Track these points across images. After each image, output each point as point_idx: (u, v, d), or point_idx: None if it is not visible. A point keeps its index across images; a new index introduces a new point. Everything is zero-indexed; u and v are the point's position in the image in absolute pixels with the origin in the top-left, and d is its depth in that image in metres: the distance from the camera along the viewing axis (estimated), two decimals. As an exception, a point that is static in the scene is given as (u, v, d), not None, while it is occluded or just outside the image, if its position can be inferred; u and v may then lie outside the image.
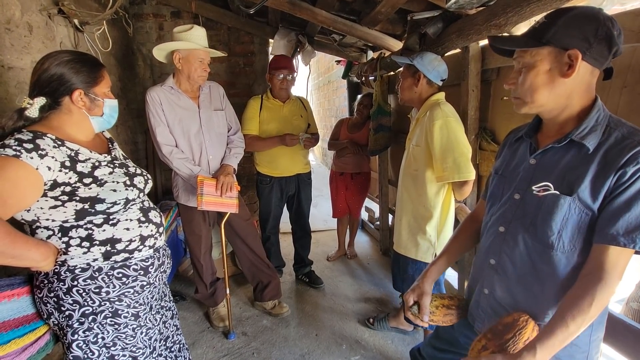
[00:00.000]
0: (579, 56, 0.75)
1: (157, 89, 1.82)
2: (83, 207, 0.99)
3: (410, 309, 1.06)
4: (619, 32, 0.76)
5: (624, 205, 0.73)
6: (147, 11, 2.91)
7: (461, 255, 1.20)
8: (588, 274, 0.77)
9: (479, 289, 1.00)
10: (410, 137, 1.78)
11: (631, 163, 0.72)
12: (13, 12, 1.51)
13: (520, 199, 0.89)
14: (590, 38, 0.74)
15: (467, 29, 1.66)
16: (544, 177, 0.84)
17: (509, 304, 0.92)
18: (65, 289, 1.02)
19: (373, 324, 2.19)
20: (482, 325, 1.00)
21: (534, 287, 0.87)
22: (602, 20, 0.74)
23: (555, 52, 0.78)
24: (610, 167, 0.74)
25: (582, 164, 0.78)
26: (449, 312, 1.06)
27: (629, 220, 0.73)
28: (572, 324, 0.74)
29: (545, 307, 0.85)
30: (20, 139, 0.92)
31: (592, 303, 0.73)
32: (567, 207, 0.79)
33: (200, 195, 1.78)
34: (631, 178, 0.72)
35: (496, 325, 0.86)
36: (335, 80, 6.63)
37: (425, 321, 1.04)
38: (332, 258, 3.19)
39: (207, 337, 2.14)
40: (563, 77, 0.78)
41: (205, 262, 2.13)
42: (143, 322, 1.15)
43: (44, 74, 0.98)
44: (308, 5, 2.25)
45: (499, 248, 0.93)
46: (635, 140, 0.74)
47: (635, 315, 1.26)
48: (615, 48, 0.76)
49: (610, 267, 0.74)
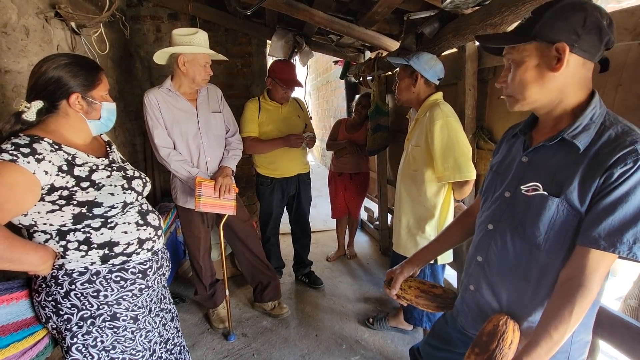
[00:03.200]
0: (566, 49, 0.73)
1: (154, 91, 1.82)
2: (81, 211, 0.99)
3: (385, 282, 1.19)
4: (609, 21, 0.73)
5: (609, 207, 0.71)
6: (144, 13, 2.91)
7: (450, 247, 1.21)
8: (568, 280, 0.75)
9: (465, 284, 1.00)
10: (410, 137, 1.79)
11: (619, 164, 0.69)
12: (10, 15, 1.51)
13: (510, 197, 0.87)
14: (578, 29, 0.72)
15: (463, 28, 1.66)
16: (534, 176, 0.83)
17: (492, 302, 0.92)
18: (63, 292, 1.02)
19: (373, 324, 2.19)
20: (464, 321, 1.00)
21: (518, 286, 0.86)
22: (590, 10, 0.72)
23: (542, 47, 0.76)
24: (599, 168, 0.72)
25: (572, 164, 0.76)
26: (422, 296, 1.11)
27: (612, 224, 0.71)
28: (555, 334, 0.73)
29: (529, 307, 0.85)
30: (17, 144, 0.92)
31: (572, 311, 0.72)
32: (555, 208, 0.77)
33: (198, 196, 1.78)
34: (617, 180, 0.70)
35: (480, 337, 0.86)
36: (333, 81, 6.63)
37: (393, 294, 1.13)
38: (332, 258, 3.19)
39: (207, 338, 2.14)
40: (552, 72, 0.75)
41: (204, 263, 2.13)
42: (142, 325, 1.15)
43: (41, 77, 0.98)
44: (305, 6, 2.25)
45: (487, 245, 0.92)
46: (627, 140, 0.71)
47: (633, 313, 1.26)
48: (607, 38, 0.73)
49: (590, 271, 0.72)
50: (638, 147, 0.69)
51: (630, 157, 0.69)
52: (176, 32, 1.78)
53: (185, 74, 1.80)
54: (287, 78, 2.31)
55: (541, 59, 0.77)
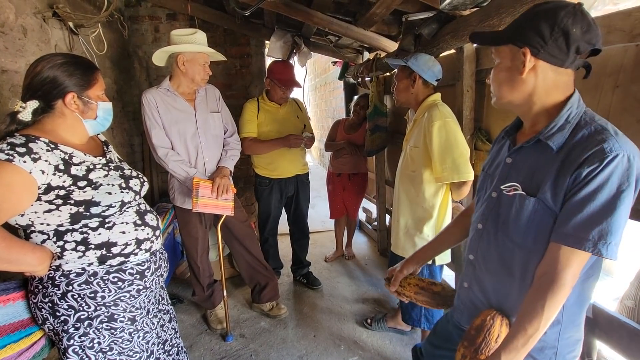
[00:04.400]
0: (527, 54, 0.76)
1: (152, 91, 1.81)
2: (78, 210, 0.99)
3: (385, 279, 1.22)
4: (585, 28, 0.73)
5: (577, 205, 0.72)
6: (143, 13, 2.90)
7: (448, 247, 1.24)
8: (542, 275, 0.77)
9: (460, 282, 1.04)
10: (408, 138, 1.79)
11: (587, 164, 0.71)
12: (7, 15, 1.50)
13: (496, 198, 0.90)
14: (545, 35, 0.74)
15: (462, 29, 1.66)
16: (516, 177, 0.85)
17: (482, 298, 0.94)
18: (60, 294, 1.02)
19: (371, 325, 2.19)
20: (460, 317, 1.03)
21: (504, 282, 0.89)
22: (561, 17, 0.72)
23: (515, 50, 0.79)
24: (570, 167, 0.74)
25: (547, 164, 0.78)
26: (421, 292, 1.13)
27: (579, 221, 0.72)
28: (529, 328, 0.75)
29: (516, 303, 0.87)
30: (12, 143, 0.91)
31: (544, 305, 0.74)
32: (532, 207, 0.80)
33: (196, 197, 1.78)
34: (585, 178, 0.71)
35: (469, 331, 0.89)
36: (332, 81, 6.64)
37: (393, 291, 1.17)
38: (330, 259, 3.19)
39: (204, 339, 2.14)
40: (520, 75, 0.78)
41: (202, 264, 2.13)
42: (140, 326, 1.14)
43: (36, 77, 0.97)
44: (304, 7, 2.26)
45: (477, 244, 0.95)
46: (597, 139, 0.72)
47: (630, 313, 1.27)
48: (576, 45, 0.73)
49: (561, 267, 0.74)
50: (605, 145, 0.71)
51: (597, 157, 0.70)
52: (175, 32, 1.78)
53: (185, 73, 1.80)
54: (285, 79, 2.32)
55: (512, 62, 0.80)
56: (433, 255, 1.22)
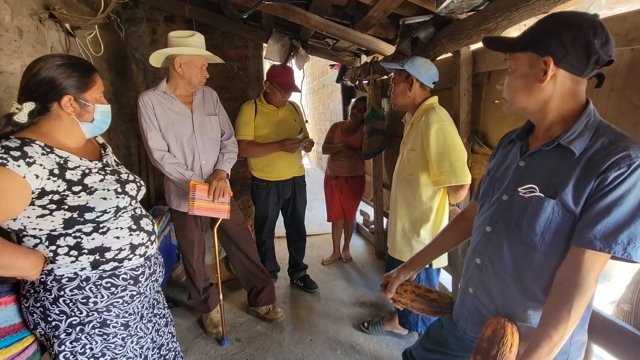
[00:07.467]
0: (550, 63, 0.77)
1: (149, 94, 1.81)
2: (72, 215, 0.98)
3: (381, 285, 1.21)
4: (604, 40, 0.75)
5: (604, 210, 0.73)
6: (140, 15, 2.90)
7: (445, 250, 1.24)
8: (564, 281, 0.77)
9: (464, 287, 1.03)
10: (405, 141, 1.79)
11: (613, 168, 0.72)
12: (3, 16, 1.49)
13: (507, 200, 0.90)
14: (568, 45, 0.75)
15: (458, 33, 1.67)
16: (531, 179, 0.85)
17: (490, 304, 0.94)
18: (52, 299, 1.00)
19: (368, 328, 2.18)
20: (465, 325, 1.02)
21: (513, 287, 0.88)
22: (583, 28, 0.74)
23: (533, 58, 0.80)
24: (593, 171, 0.75)
25: (568, 168, 0.79)
26: (417, 300, 1.12)
27: (607, 225, 0.73)
28: (555, 335, 0.75)
29: (524, 307, 0.87)
30: (7, 147, 0.90)
31: (570, 311, 0.74)
32: (550, 209, 0.80)
33: (192, 200, 1.77)
34: (612, 183, 0.73)
35: (480, 343, 0.87)
36: (329, 84, 6.65)
37: (389, 298, 1.16)
38: (327, 262, 3.18)
39: (200, 343, 2.12)
40: (539, 83, 0.79)
41: (198, 267, 2.11)
42: (133, 331, 1.13)
43: (33, 78, 0.96)
44: (301, 10, 2.26)
45: (485, 248, 0.95)
46: (620, 146, 0.74)
47: (627, 317, 1.27)
48: (596, 56, 0.75)
49: (585, 271, 0.75)
50: (631, 152, 0.73)
51: (624, 162, 0.72)
52: (173, 34, 1.77)
53: (182, 75, 1.79)
54: (286, 82, 2.32)
55: (531, 70, 0.81)
56: (429, 260, 1.21)
